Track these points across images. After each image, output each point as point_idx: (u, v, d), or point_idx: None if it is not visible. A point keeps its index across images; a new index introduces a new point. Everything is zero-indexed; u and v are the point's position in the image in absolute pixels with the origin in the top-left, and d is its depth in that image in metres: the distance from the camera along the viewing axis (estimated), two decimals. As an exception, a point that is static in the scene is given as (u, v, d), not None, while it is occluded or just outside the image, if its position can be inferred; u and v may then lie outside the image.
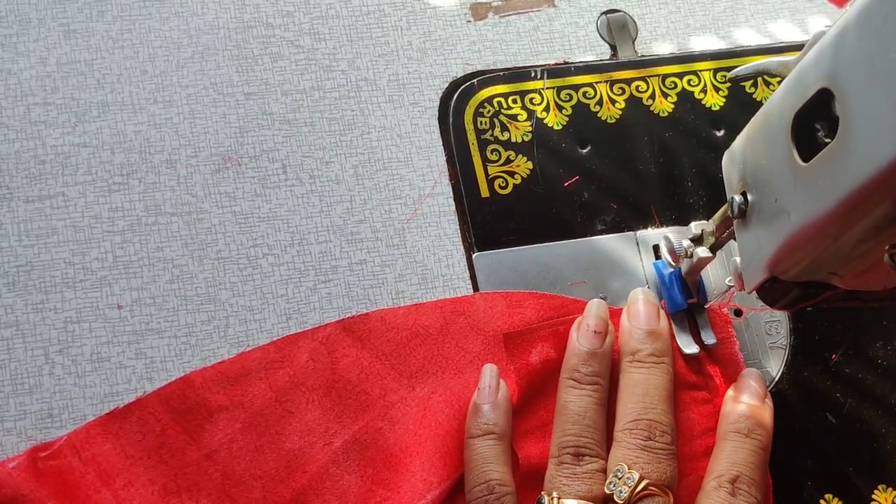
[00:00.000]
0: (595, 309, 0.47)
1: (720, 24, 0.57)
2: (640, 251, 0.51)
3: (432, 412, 0.46)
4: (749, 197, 0.38)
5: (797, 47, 0.41)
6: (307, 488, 0.44)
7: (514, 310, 0.48)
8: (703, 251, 0.44)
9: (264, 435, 0.45)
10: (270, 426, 0.45)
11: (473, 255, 0.50)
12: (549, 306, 0.48)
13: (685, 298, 0.47)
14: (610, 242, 0.51)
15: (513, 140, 0.52)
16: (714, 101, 0.54)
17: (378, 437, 0.45)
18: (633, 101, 0.54)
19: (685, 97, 0.54)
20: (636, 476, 0.41)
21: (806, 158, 0.32)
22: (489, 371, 0.45)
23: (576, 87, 0.54)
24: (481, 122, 0.52)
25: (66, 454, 0.43)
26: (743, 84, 0.55)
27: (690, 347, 0.47)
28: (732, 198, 0.38)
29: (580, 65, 0.54)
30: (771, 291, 0.39)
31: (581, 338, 0.46)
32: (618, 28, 0.55)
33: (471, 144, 0.51)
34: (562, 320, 0.47)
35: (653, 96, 0.54)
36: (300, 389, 0.46)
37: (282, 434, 0.45)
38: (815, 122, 0.32)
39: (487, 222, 0.50)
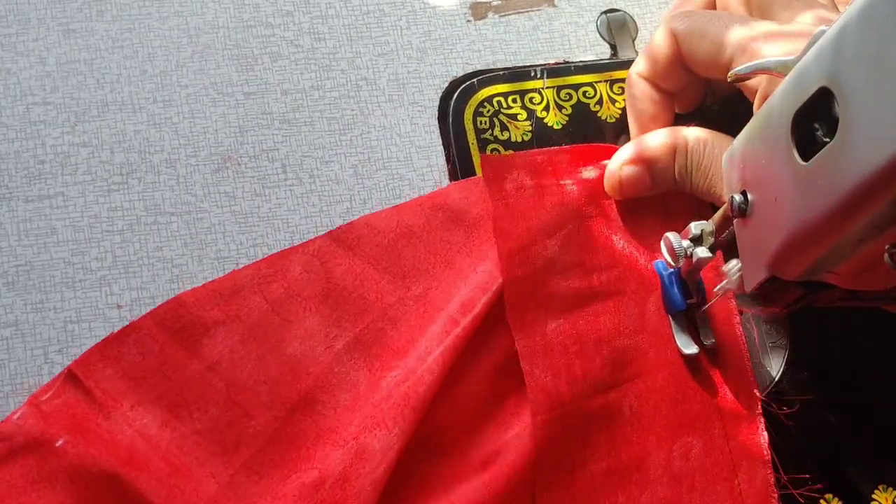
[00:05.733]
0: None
1: (720, 23, 0.57)
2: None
3: (432, 307, 0.47)
4: (749, 196, 0.38)
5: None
6: (314, 387, 0.44)
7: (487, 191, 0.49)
8: (702, 251, 0.44)
9: (264, 344, 0.45)
10: (270, 335, 0.45)
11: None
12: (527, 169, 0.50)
13: (685, 298, 0.47)
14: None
15: (513, 139, 0.52)
16: (713, 102, 0.54)
17: (380, 336, 0.46)
18: (633, 101, 0.54)
19: (685, 97, 0.54)
20: None
21: (806, 158, 0.32)
22: None
23: (576, 87, 0.54)
24: (481, 121, 0.52)
25: (68, 388, 0.43)
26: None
27: (690, 348, 0.47)
28: (732, 197, 0.38)
29: (580, 64, 0.54)
30: (771, 291, 0.39)
31: None
32: (618, 28, 0.55)
33: (471, 144, 0.51)
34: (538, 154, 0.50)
35: (653, 96, 0.54)
36: (296, 300, 0.46)
37: (282, 342, 0.45)
38: (814, 122, 0.32)
39: (487, 222, 0.50)
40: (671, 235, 0.45)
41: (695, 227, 0.44)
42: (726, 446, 0.46)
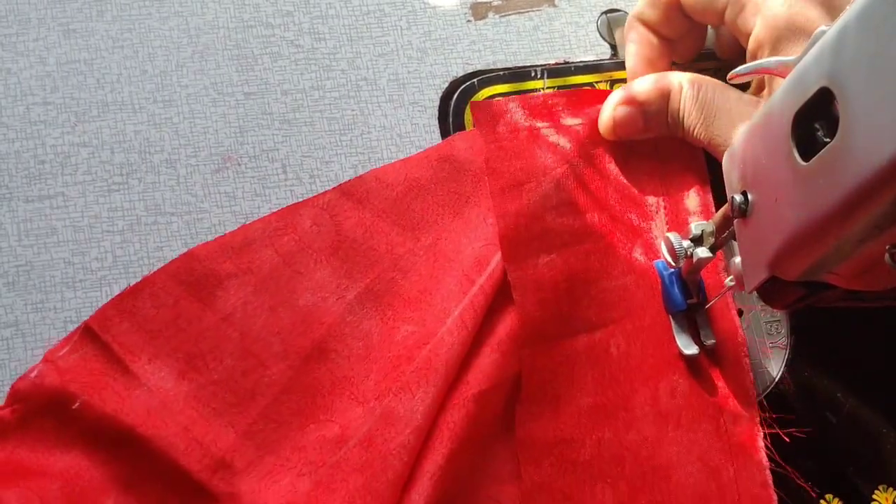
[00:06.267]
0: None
1: (720, 23, 0.57)
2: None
3: (442, 257, 0.47)
4: (749, 196, 0.38)
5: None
6: (327, 336, 0.45)
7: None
8: (703, 251, 0.44)
9: (276, 295, 0.46)
10: (282, 287, 0.46)
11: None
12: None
13: (685, 299, 0.47)
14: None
15: (513, 140, 0.52)
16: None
17: (392, 286, 0.47)
18: (633, 101, 0.54)
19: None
20: None
21: (806, 158, 0.32)
22: None
23: (576, 87, 0.54)
24: (481, 121, 0.52)
25: (85, 343, 0.43)
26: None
27: (690, 348, 0.47)
28: (733, 197, 0.38)
29: (580, 65, 0.54)
30: (771, 291, 0.39)
31: None
32: (618, 28, 0.55)
33: (471, 144, 0.51)
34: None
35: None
36: (307, 252, 0.46)
37: (294, 293, 0.46)
38: (815, 122, 0.32)
39: (487, 222, 0.50)
40: (672, 236, 0.45)
41: (695, 228, 0.44)
42: (714, 387, 0.47)
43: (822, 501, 0.47)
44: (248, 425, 0.43)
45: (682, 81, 0.47)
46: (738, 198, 0.38)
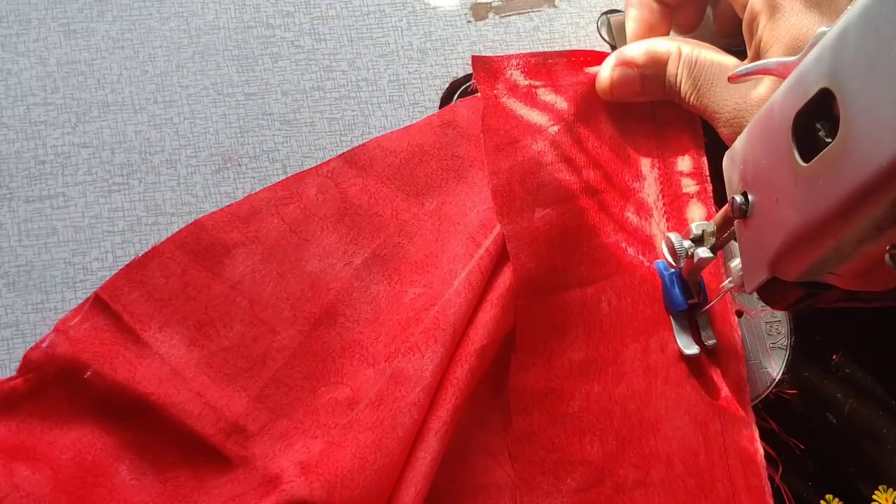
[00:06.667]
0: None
1: (720, 24, 0.57)
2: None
3: (447, 221, 0.48)
4: (749, 197, 0.38)
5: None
6: (335, 302, 0.46)
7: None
8: (703, 252, 0.44)
9: (284, 262, 0.46)
10: (289, 254, 0.46)
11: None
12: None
13: (686, 299, 0.47)
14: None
15: (513, 140, 0.52)
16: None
17: (398, 250, 0.47)
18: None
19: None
20: None
21: (806, 158, 0.32)
22: None
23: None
24: (481, 122, 0.52)
25: (96, 313, 0.44)
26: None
27: (691, 348, 0.47)
28: (733, 198, 0.38)
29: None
30: (771, 291, 0.39)
31: None
32: (618, 28, 0.55)
33: (471, 144, 0.51)
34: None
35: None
36: (313, 219, 0.47)
37: (301, 260, 0.46)
38: (815, 122, 0.32)
39: (488, 222, 0.50)
40: (672, 236, 0.45)
41: (696, 228, 0.44)
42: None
43: (822, 501, 0.47)
44: (260, 390, 0.44)
45: (679, 47, 0.48)
46: (739, 198, 0.38)
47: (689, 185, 0.50)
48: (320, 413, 0.44)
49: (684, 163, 0.50)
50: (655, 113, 0.51)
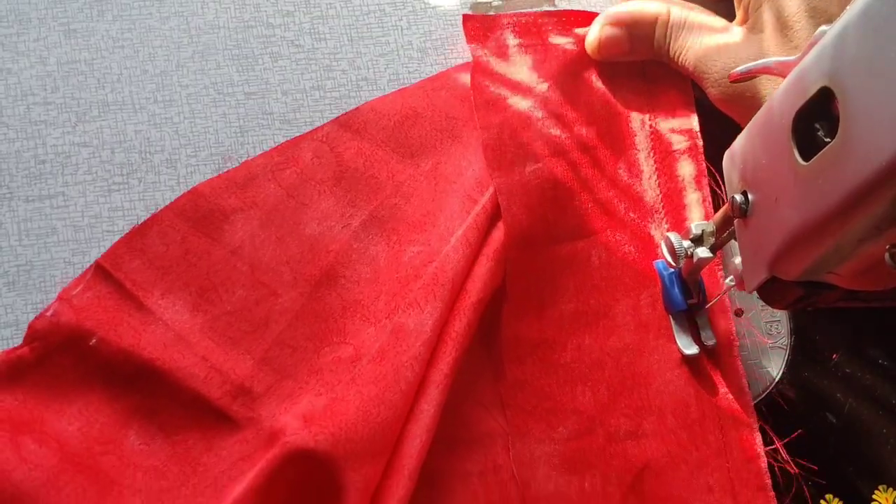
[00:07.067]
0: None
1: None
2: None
3: (443, 180, 0.48)
4: (749, 196, 0.38)
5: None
6: (335, 263, 0.46)
7: None
8: (703, 251, 0.44)
9: (283, 227, 0.47)
10: (287, 218, 0.47)
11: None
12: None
13: (685, 299, 0.47)
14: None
15: (513, 140, 0.52)
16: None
17: (395, 211, 0.48)
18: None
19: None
20: None
21: (806, 158, 0.32)
22: None
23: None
24: (481, 121, 0.52)
25: (98, 281, 0.44)
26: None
27: (690, 348, 0.47)
28: (733, 197, 0.38)
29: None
30: (771, 291, 0.39)
31: None
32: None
33: (471, 144, 0.51)
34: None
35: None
36: (310, 183, 0.47)
37: (300, 224, 0.47)
38: (815, 122, 0.32)
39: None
40: (672, 236, 0.45)
41: (695, 227, 0.44)
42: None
43: (822, 501, 0.47)
44: (264, 352, 0.44)
45: (668, 8, 0.48)
46: (739, 198, 0.38)
47: (680, 142, 0.50)
48: (324, 372, 0.44)
49: (675, 120, 0.51)
50: (646, 72, 0.52)
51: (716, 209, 0.48)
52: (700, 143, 0.50)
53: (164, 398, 0.43)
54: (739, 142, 0.39)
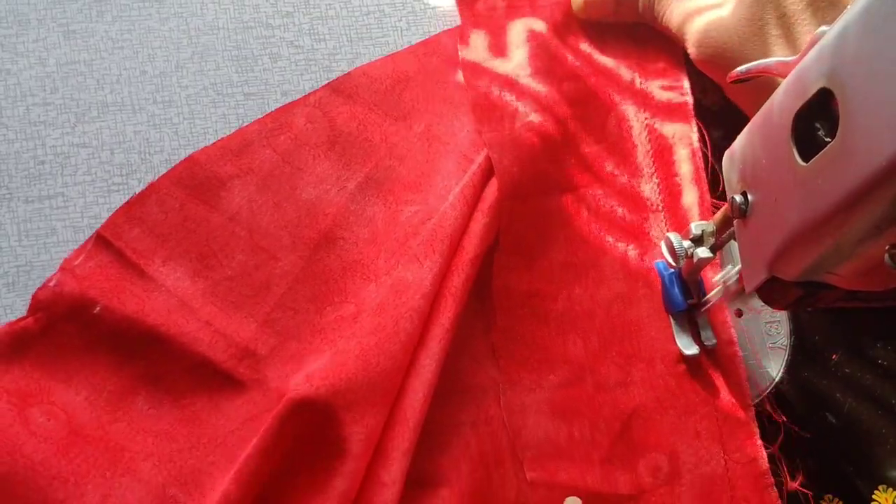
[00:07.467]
0: None
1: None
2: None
3: (437, 141, 0.49)
4: (749, 197, 0.38)
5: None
6: (333, 226, 0.47)
7: None
8: (703, 251, 0.44)
9: (279, 192, 0.47)
10: (283, 183, 0.47)
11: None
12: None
13: (685, 299, 0.47)
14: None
15: (512, 140, 0.52)
16: (713, 102, 0.54)
17: (390, 173, 0.48)
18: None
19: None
20: None
21: (806, 158, 0.32)
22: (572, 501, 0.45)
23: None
24: (481, 121, 0.52)
25: (100, 251, 0.45)
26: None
27: (691, 349, 0.47)
28: (733, 198, 0.38)
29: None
30: (771, 291, 0.39)
31: None
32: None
33: (470, 144, 0.51)
34: None
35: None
36: (304, 148, 0.48)
37: (296, 188, 0.47)
38: (815, 122, 0.32)
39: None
40: (672, 236, 0.45)
41: (695, 228, 0.44)
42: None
43: (822, 501, 0.47)
44: (266, 315, 0.45)
45: None
46: (738, 198, 0.38)
47: (670, 99, 0.51)
48: (327, 332, 0.45)
49: (665, 79, 0.52)
50: (635, 35, 0.53)
51: (705, 165, 0.49)
52: (690, 99, 0.51)
53: (170, 363, 0.43)
54: (739, 142, 0.39)
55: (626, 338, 0.47)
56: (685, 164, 0.50)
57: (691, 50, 0.48)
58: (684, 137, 0.50)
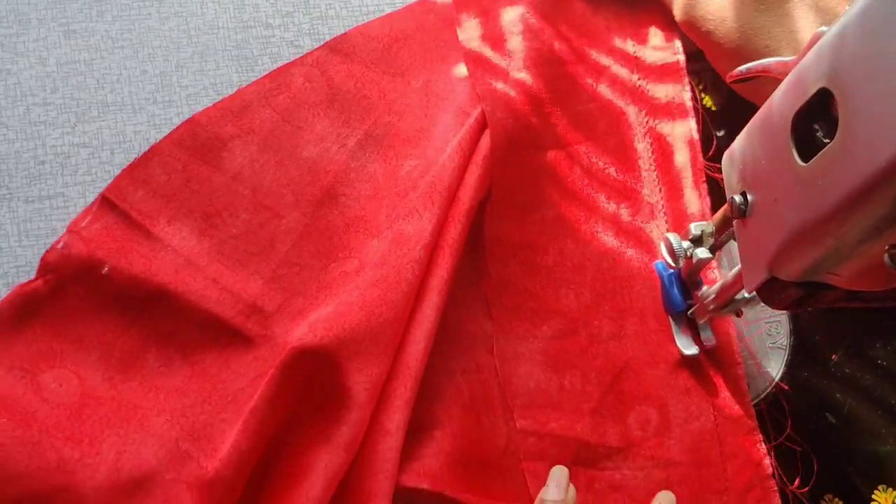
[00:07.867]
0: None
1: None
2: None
3: (435, 96, 0.50)
4: (749, 197, 0.37)
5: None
6: (334, 183, 0.48)
7: None
8: (702, 252, 0.44)
9: (280, 150, 0.48)
10: (284, 142, 0.48)
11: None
12: None
13: (684, 299, 0.47)
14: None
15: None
16: (713, 102, 0.54)
17: (389, 129, 0.49)
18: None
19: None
20: None
21: (806, 158, 0.32)
22: (558, 471, 0.41)
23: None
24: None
25: (105, 213, 0.45)
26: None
27: (690, 349, 0.47)
28: (732, 198, 0.38)
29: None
30: (771, 291, 0.39)
31: None
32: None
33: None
34: None
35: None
36: (303, 107, 0.49)
37: (297, 147, 0.48)
38: (814, 122, 0.32)
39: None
40: (671, 236, 0.45)
41: (695, 228, 0.44)
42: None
43: (822, 501, 0.47)
44: (272, 271, 0.45)
45: None
46: (738, 198, 0.38)
47: (663, 59, 0.52)
48: (333, 286, 0.45)
49: (657, 38, 0.53)
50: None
51: (698, 121, 0.50)
52: (682, 58, 0.52)
53: (179, 321, 0.44)
54: (739, 142, 0.39)
55: (617, 292, 0.48)
56: (679, 126, 0.51)
57: (676, 12, 0.50)
58: (676, 97, 0.51)
